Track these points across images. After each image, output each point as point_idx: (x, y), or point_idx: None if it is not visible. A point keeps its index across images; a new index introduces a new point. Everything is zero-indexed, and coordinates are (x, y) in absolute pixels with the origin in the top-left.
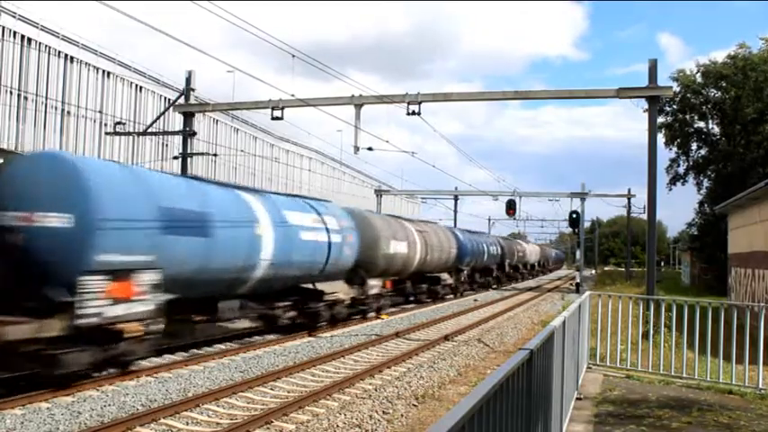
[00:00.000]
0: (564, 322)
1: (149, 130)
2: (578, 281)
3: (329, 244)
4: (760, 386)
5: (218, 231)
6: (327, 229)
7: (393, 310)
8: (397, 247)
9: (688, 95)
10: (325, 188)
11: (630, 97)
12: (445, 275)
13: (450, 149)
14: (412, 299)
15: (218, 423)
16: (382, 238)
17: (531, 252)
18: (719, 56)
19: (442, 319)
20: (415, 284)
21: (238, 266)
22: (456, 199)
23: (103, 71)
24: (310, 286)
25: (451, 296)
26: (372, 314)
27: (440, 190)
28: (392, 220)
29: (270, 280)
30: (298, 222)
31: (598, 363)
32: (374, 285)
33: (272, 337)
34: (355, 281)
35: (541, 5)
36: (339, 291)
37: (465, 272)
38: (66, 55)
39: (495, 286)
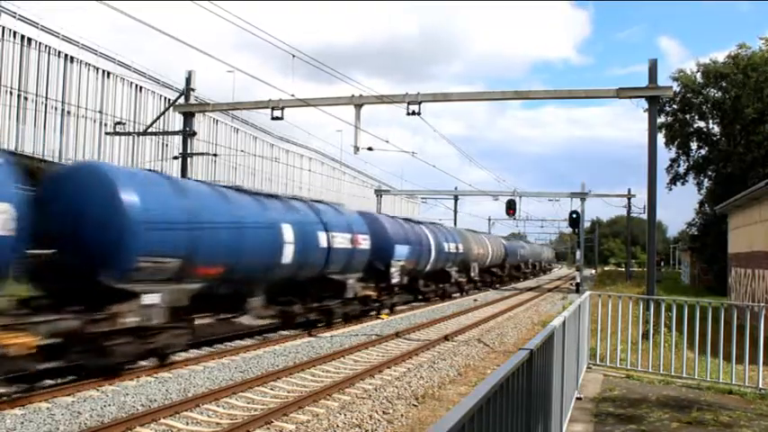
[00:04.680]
0: (564, 322)
1: (149, 131)
2: (578, 281)
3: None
4: (760, 386)
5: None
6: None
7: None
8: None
9: (688, 95)
10: (325, 188)
11: (630, 97)
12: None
13: (451, 150)
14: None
15: (218, 423)
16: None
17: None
18: (719, 56)
19: (442, 319)
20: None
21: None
22: (456, 199)
23: (103, 71)
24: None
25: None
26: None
27: (440, 190)
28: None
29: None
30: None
31: (598, 363)
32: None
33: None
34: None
35: (546, 10)
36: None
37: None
38: (66, 55)
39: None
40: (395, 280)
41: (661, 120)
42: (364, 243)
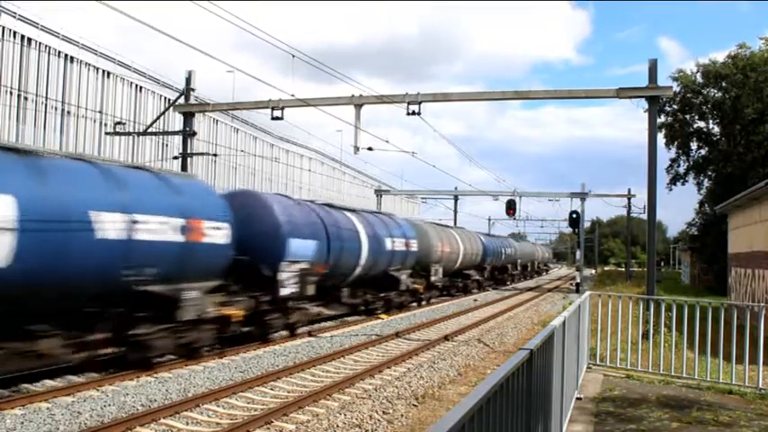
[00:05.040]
0: (564, 322)
1: (149, 131)
2: (578, 281)
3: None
4: (760, 386)
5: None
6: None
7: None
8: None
9: (688, 95)
10: (325, 188)
11: (630, 97)
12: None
13: (451, 150)
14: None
15: (218, 423)
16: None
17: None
18: (719, 57)
19: (442, 319)
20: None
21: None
22: (456, 199)
23: (103, 71)
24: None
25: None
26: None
27: (440, 190)
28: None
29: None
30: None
31: (598, 363)
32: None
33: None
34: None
35: (546, 11)
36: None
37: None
38: (66, 55)
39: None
40: (284, 291)
41: (661, 120)
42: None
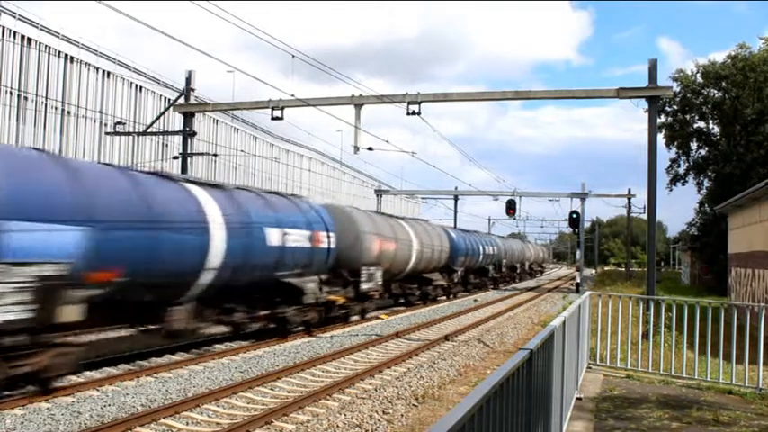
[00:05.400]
0: (564, 322)
1: (149, 130)
2: (578, 281)
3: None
4: (760, 386)
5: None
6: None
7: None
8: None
9: (688, 95)
10: (325, 188)
11: (630, 97)
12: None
13: (451, 150)
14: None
15: (218, 423)
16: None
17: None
18: (719, 57)
19: (442, 319)
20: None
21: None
22: (456, 199)
23: (103, 71)
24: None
25: None
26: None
27: (440, 190)
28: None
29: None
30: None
31: (598, 363)
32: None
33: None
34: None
35: (547, 11)
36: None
37: None
38: (66, 55)
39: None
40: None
41: (661, 120)
42: None
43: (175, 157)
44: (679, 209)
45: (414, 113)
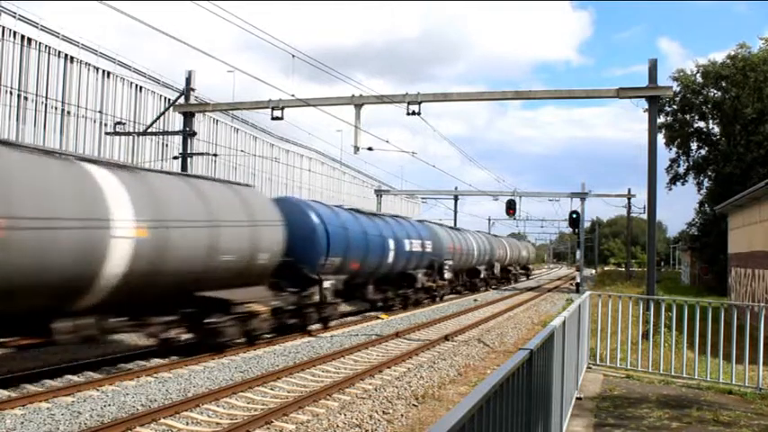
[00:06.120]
0: (564, 322)
1: (149, 131)
2: (578, 281)
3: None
4: (760, 386)
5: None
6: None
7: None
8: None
9: (688, 95)
10: (325, 188)
11: (630, 97)
12: None
13: (452, 151)
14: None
15: (218, 423)
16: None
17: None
18: (719, 57)
19: (442, 319)
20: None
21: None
22: (456, 199)
23: (103, 71)
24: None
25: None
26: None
27: (440, 190)
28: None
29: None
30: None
31: (598, 363)
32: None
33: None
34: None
35: (548, 11)
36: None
37: None
38: (66, 55)
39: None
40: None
41: (661, 120)
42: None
43: (175, 157)
44: (679, 209)
45: (414, 113)
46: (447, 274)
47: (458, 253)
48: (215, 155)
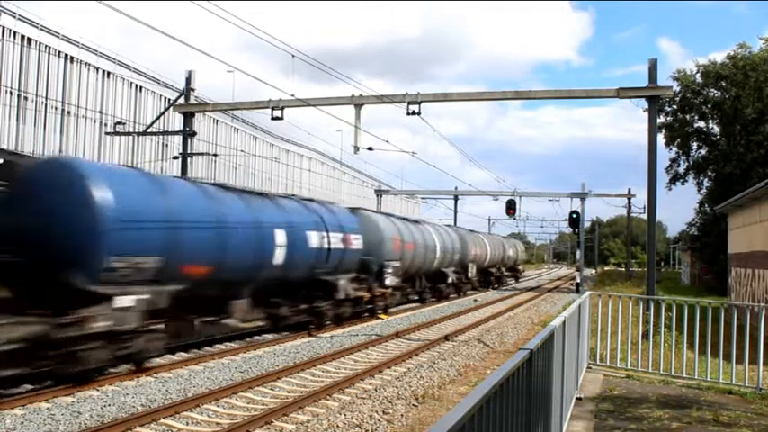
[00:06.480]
0: (564, 322)
1: (149, 131)
2: (578, 281)
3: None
4: (760, 386)
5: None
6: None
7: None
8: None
9: (688, 95)
10: (325, 188)
11: (630, 97)
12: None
13: (452, 151)
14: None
15: (218, 423)
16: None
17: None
18: (718, 57)
19: (442, 319)
20: None
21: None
22: (456, 199)
23: (103, 71)
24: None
25: None
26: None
27: (440, 190)
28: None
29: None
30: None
31: (598, 363)
32: None
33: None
34: None
35: (548, 11)
36: None
37: None
38: (66, 55)
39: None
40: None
41: (661, 120)
42: None
43: (175, 157)
44: (679, 209)
45: (414, 113)
46: (389, 280)
47: (408, 251)
48: (215, 155)
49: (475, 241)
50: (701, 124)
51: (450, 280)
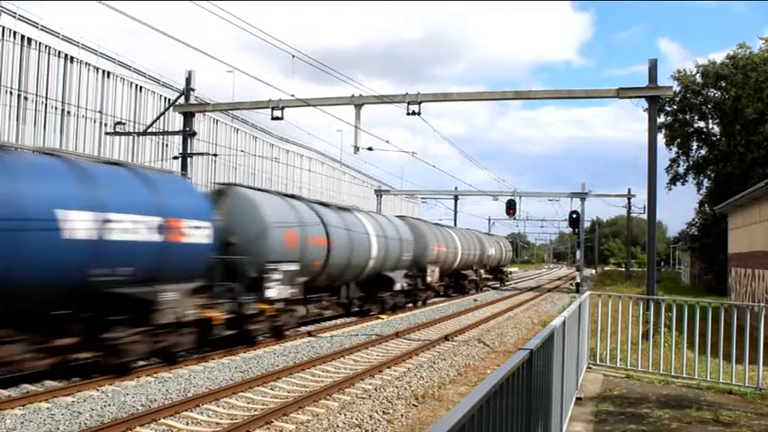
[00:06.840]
0: (564, 322)
1: (149, 131)
2: (578, 281)
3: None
4: (760, 386)
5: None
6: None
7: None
8: None
9: (688, 95)
10: (325, 188)
11: (630, 97)
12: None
13: (452, 151)
14: None
15: (218, 423)
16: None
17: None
18: (718, 57)
19: (442, 319)
20: None
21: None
22: (456, 199)
23: (103, 71)
24: None
25: None
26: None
27: (440, 190)
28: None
29: None
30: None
31: (598, 363)
32: None
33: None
34: None
35: (548, 12)
36: None
37: None
38: (66, 55)
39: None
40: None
41: (661, 120)
42: None
43: (175, 157)
44: (679, 209)
45: (414, 113)
46: (271, 292)
47: (315, 248)
48: (215, 155)
49: (438, 237)
50: (701, 124)
51: (399, 287)
